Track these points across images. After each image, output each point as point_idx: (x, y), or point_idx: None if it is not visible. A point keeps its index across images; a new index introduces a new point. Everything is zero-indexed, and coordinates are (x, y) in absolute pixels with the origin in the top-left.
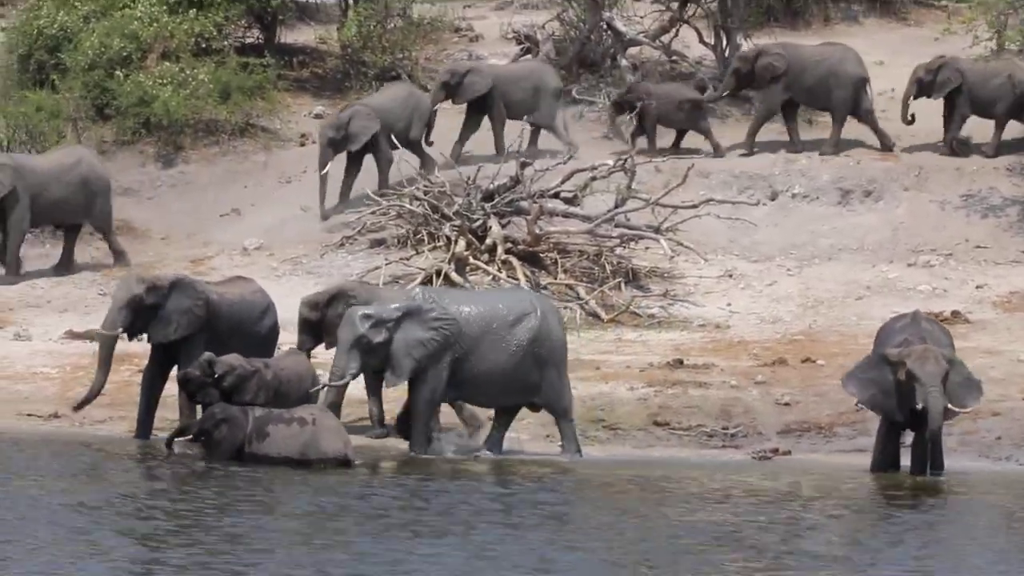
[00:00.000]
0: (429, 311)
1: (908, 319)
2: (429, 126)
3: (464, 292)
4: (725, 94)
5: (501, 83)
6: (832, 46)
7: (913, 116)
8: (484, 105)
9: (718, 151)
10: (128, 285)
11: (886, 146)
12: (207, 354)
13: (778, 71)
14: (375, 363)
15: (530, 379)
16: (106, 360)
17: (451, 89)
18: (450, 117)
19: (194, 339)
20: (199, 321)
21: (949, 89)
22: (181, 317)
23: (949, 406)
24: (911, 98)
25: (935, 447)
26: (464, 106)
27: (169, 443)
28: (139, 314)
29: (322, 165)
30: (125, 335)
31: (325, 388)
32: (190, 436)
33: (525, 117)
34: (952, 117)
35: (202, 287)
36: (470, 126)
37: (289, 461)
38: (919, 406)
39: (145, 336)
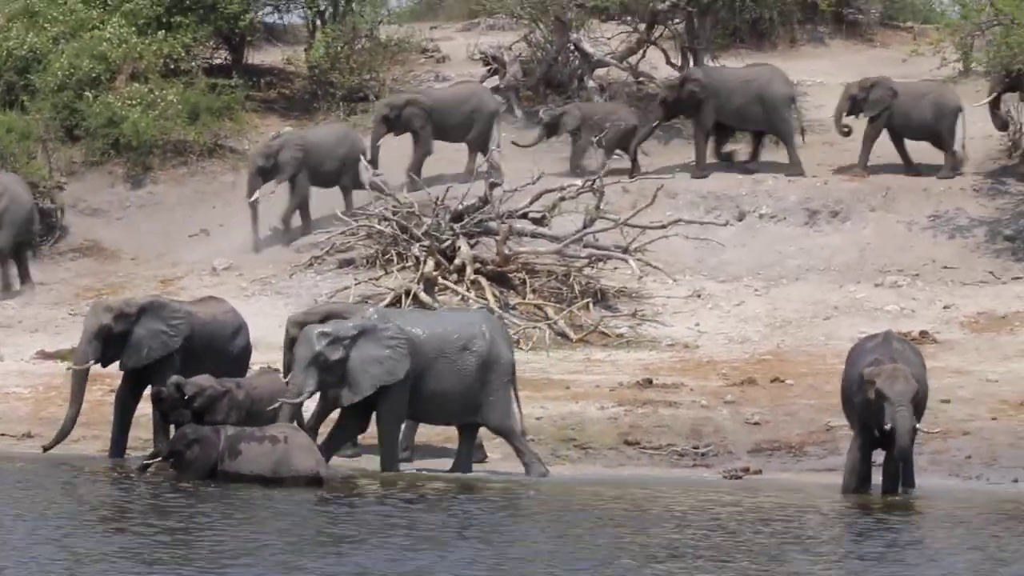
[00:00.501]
0: (384, 330)
1: (880, 339)
2: (374, 160)
3: (416, 313)
4: (655, 124)
5: (438, 108)
6: (759, 67)
7: (849, 129)
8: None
9: (634, 170)
10: (96, 315)
11: (795, 171)
12: (176, 377)
13: (700, 96)
14: (332, 380)
15: (479, 399)
16: (78, 393)
17: (391, 123)
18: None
19: (166, 360)
20: (173, 342)
21: (880, 108)
22: (152, 341)
23: (918, 426)
24: (844, 114)
25: (906, 466)
26: None
27: (144, 468)
28: (109, 343)
29: (250, 192)
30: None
31: (282, 405)
32: (161, 458)
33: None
34: (871, 137)
35: (177, 306)
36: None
37: (261, 479)
38: (887, 426)
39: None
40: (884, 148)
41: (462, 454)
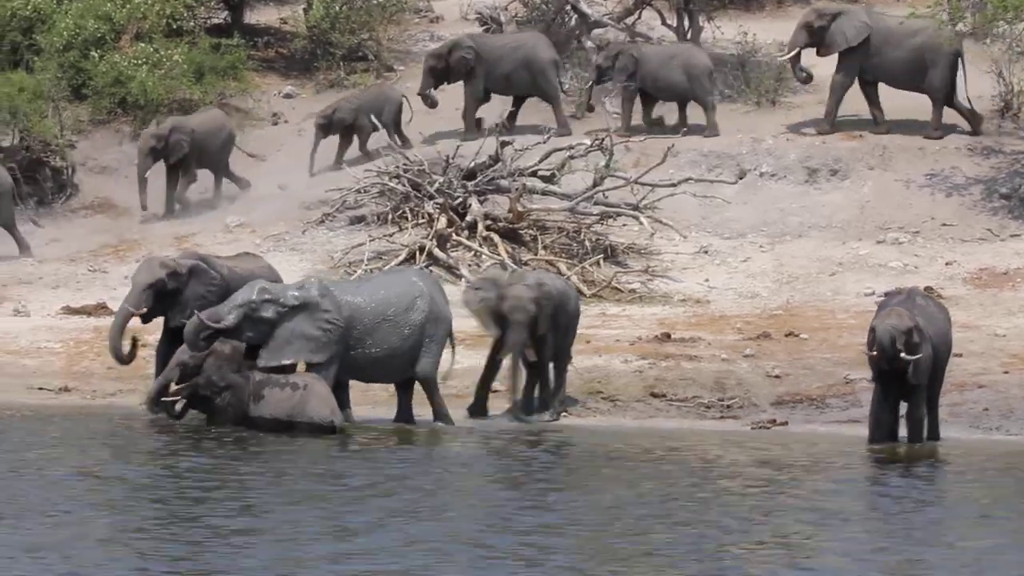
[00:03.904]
0: (324, 310)
1: (904, 295)
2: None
3: (355, 282)
4: (429, 91)
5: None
6: (524, 33)
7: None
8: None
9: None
10: (151, 269)
11: (563, 131)
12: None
13: (470, 63)
14: (254, 333)
15: (416, 355)
16: (118, 335)
17: (158, 153)
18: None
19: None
20: (210, 306)
21: (627, 75)
22: (196, 303)
23: (903, 355)
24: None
25: (930, 417)
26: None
27: (155, 401)
28: (160, 297)
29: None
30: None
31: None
32: (183, 397)
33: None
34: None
35: (217, 267)
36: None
37: (278, 423)
38: (873, 352)
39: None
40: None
41: (404, 406)
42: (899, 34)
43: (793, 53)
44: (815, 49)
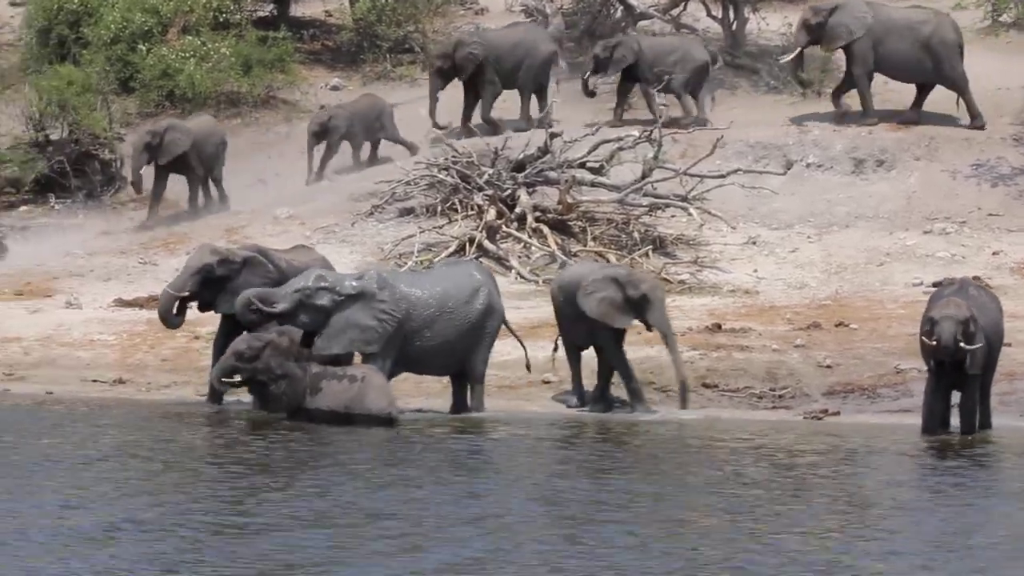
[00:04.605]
0: (380, 301)
1: (957, 285)
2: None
3: (415, 274)
4: (439, 90)
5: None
6: (523, 26)
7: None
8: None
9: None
10: (202, 254)
11: (547, 121)
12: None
13: (477, 59)
14: (308, 320)
15: (471, 347)
16: (167, 314)
17: (153, 150)
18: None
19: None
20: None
21: (624, 65)
22: None
23: (963, 345)
24: (590, 72)
25: (983, 406)
26: None
27: (220, 382)
28: (207, 283)
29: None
30: (196, 306)
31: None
32: (241, 382)
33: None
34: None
35: (275, 260)
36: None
37: (335, 416)
38: (933, 341)
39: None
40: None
41: (460, 398)
42: (901, 25)
43: (795, 54)
44: (819, 46)
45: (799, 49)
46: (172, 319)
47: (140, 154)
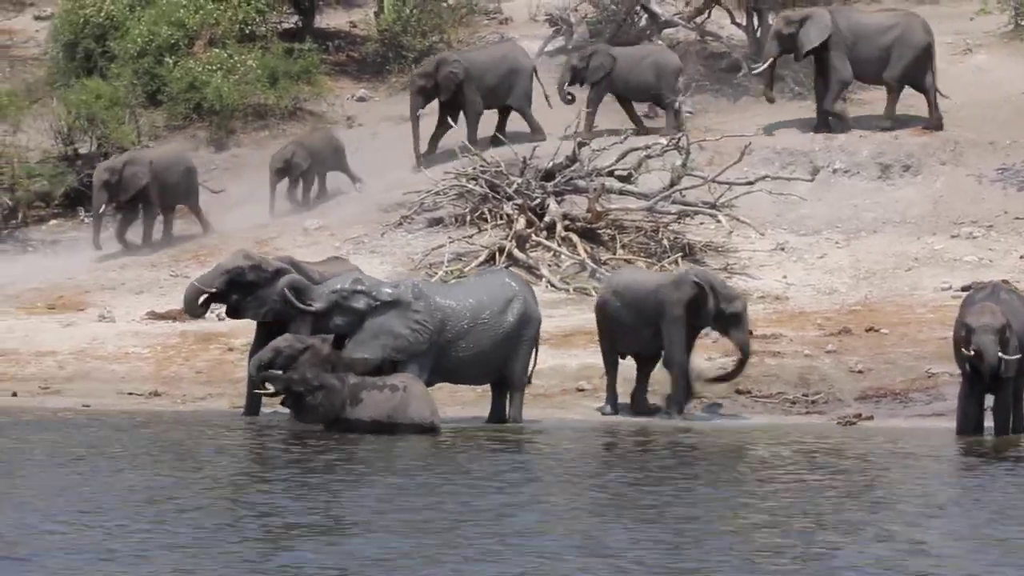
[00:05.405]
0: (415, 311)
1: (988, 290)
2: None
3: (450, 285)
4: (420, 108)
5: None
6: (504, 44)
7: (572, 96)
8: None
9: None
10: (235, 256)
11: (538, 137)
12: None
13: (459, 79)
14: (341, 322)
15: (508, 356)
16: (191, 306)
17: (112, 188)
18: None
19: (298, 320)
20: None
21: (601, 75)
22: (276, 304)
23: (1001, 355)
24: (566, 83)
25: (1016, 408)
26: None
27: (262, 378)
28: (235, 286)
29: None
30: (225, 311)
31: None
32: (276, 393)
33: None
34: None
35: (307, 272)
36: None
37: (378, 425)
38: (972, 352)
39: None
40: (949, 102)
41: (497, 407)
42: (871, 30)
43: (767, 64)
44: (793, 56)
45: (771, 59)
46: (195, 309)
47: (99, 192)
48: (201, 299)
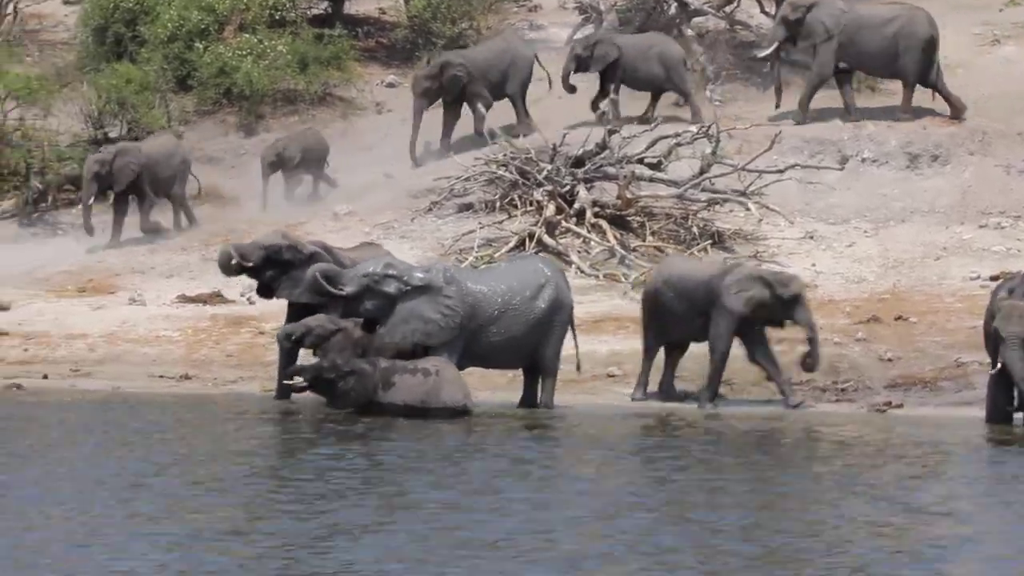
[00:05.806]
0: (446, 296)
1: (1019, 280)
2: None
3: (482, 271)
4: (424, 110)
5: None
6: (503, 37)
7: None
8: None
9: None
10: (275, 234)
11: (526, 129)
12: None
13: (463, 80)
14: (371, 306)
15: (540, 342)
16: (224, 266)
17: (103, 179)
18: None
19: (329, 306)
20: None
21: (606, 64)
22: (308, 286)
23: None
24: (571, 73)
25: None
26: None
27: (288, 385)
28: (270, 262)
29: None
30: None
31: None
32: (306, 383)
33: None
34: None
35: (340, 258)
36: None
37: (411, 409)
38: (999, 364)
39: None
40: (979, 93)
41: (529, 392)
42: (875, 21)
43: (771, 49)
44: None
45: (776, 44)
46: (228, 268)
47: (90, 184)
48: (234, 261)
